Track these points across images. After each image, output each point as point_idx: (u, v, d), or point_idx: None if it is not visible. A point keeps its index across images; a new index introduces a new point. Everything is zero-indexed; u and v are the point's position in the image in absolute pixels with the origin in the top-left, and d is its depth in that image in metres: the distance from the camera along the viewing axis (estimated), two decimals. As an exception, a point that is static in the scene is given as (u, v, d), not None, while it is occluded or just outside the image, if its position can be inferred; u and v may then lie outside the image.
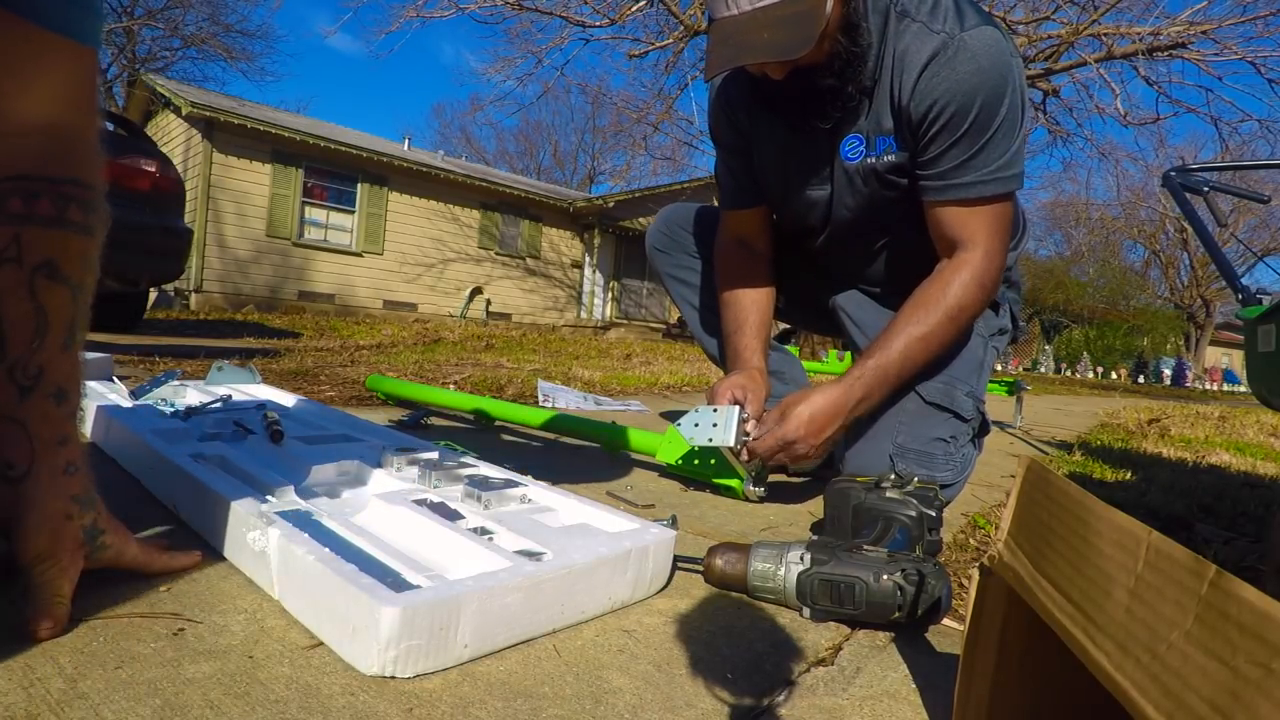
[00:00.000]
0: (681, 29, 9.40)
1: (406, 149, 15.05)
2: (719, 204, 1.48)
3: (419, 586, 0.65)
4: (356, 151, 11.75)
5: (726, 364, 1.38)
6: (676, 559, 0.87)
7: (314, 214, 11.77)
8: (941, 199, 1.16)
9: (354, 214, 12.12)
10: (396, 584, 0.67)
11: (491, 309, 13.63)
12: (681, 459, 1.39)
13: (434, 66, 76.49)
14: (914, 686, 0.68)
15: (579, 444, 1.74)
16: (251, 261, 11.10)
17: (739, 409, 1.16)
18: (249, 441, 1.14)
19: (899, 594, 0.76)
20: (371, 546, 0.79)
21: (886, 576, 0.76)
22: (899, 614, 0.76)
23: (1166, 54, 8.80)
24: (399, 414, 1.89)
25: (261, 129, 10.91)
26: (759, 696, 0.63)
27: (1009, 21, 8.86)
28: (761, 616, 0.80)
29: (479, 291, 13.51)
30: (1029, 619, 0.46)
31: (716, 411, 1.17)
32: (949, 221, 1.17)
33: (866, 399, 1.16)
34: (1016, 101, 1.11)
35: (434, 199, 12.94)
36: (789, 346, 3.05)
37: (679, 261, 1.60)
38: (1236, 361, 30.08)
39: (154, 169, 3.85)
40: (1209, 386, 25.46)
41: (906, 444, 1.19)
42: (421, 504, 0.89)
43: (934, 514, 0.96)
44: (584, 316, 14.70)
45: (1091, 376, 22.75)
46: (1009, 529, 0.49)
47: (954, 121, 1.10)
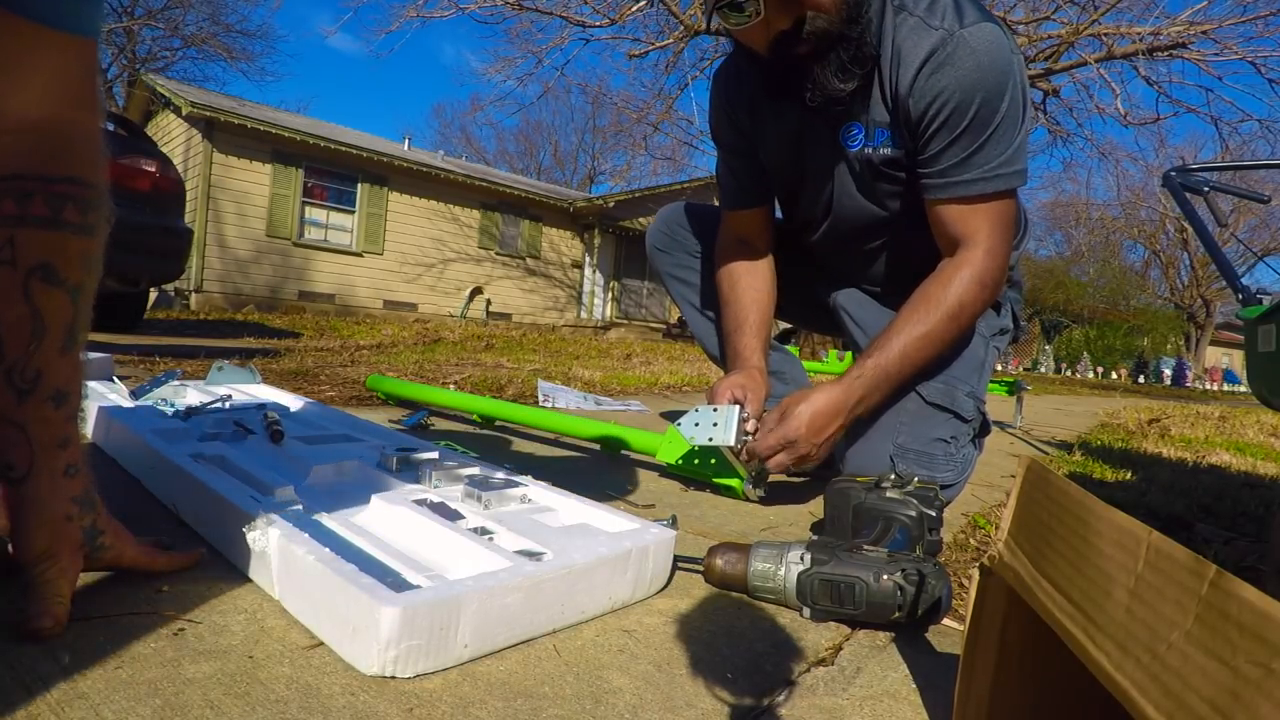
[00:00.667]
0: (681, 29, 9.39)
1: (406, 149, 15.05)
2: (720, 204, 1.48)
3: (419, 586, 0.65)
4: (356, 151, 11.76)
5: (727, 363, 1.38)
6: (677, 559, 0.87)
7: (314, 214, 11.77)
8: (943, 196, 1.15)
9: (354, 214, 12.13)
10: (396, 584, 0.67)
11: (492, 309, 13.63)
12: (681, 459, 1.39)
13: (434, 66, 76.58)
14: (914, 686, 0.68)
15: (579, 444, 1.74)
16: (252, 261, 11.10)
17: (739, 408, 1.16)
18: (249, 441, 1.14)
19: (899, 594, 0.76)
20: (371, 546, 0.79)
21: (887, 576, 0.76)
22: (899, 614, 0.76)
23: (1167, 54, 8.80)
24: (399, 414, 1.89)
25: (262, 129, 10.92)
26: (759, 696, 0.63)
27: (1009, 21, 8.85)
28: (761, 616, 0.80)
29: (479, 291, 13.51)
30: (1029, 619, 0.46)
31: (717, 411, 1.17)
32: (950, 219, 1.16)
33: (867, 398, 1.15)
34: (1018, 98, 1.11)
35: (434, 199, 12.94)
36: (789, 346, 3.05)
37: (679, 261, 1.60)
38: (1237, 361, 30.07)
39: (154, 169, 3.85)
40: (1209, 386, 25.45)
41: (907, 444, 1.19)
42: (421, 504, 0.89)
43: (934, 514, 0.96)
44: (584, 316, 14.70)
45: (1092, 376, 22.75)
46: (1009, 529, 0.49)
47: (954, 118, 1.10)
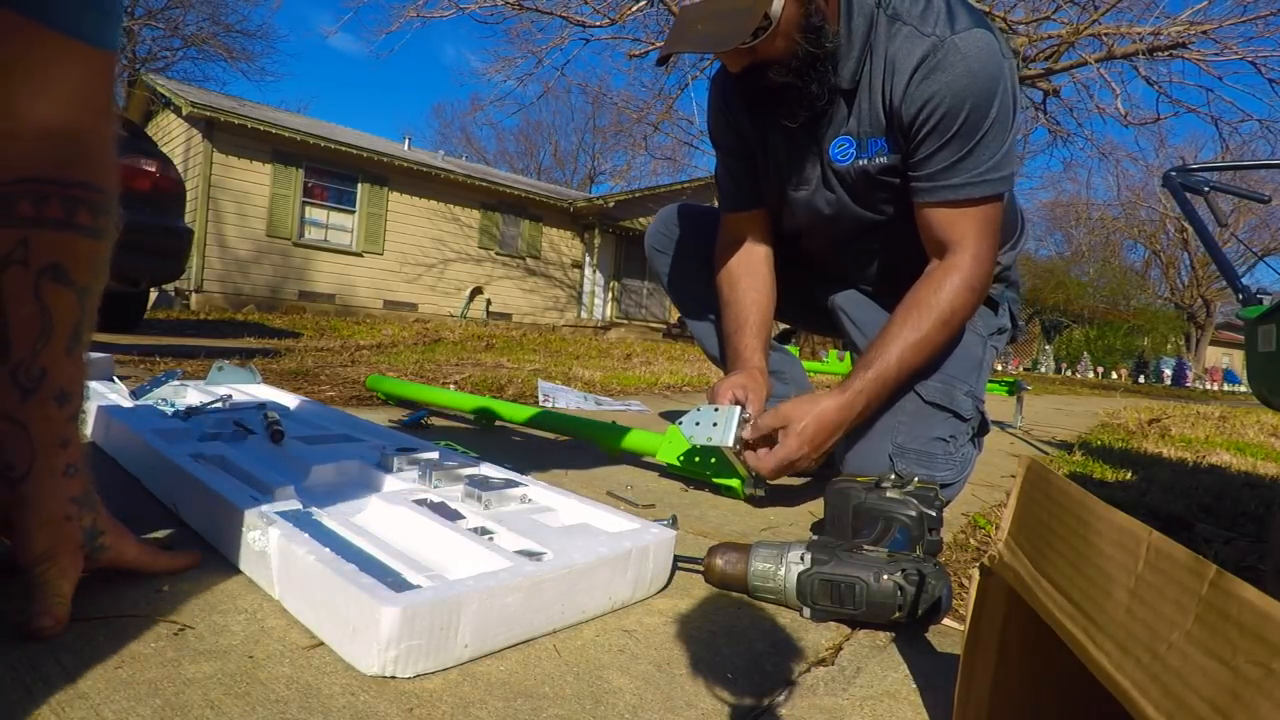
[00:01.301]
0: (682, 29, 9.37)
1: (407, 149, 15.05)
2: (719, 206, 1.48)
3: (419, 586, 0.65)
4: (357, 151, 11.75)
5: (727, 364, 1.38)
6: (677, 559, 0.87)
7: (314, 214, 11.77)
8: (931, 200, 1.17)
9: (354, 214, 12.13)
10: (397, 584, 0.67)
11: (492, 309, 13.63)
12: (682, 459, 1.39)
13: (434, 66, 76.59)
14: (914, 686, 0.68)
15: (579, 444, 1.74)
16: (252, 261, 11.10)
17: (739, 409, 1.17)
18: (249, 441, 1.14)
19: (899, 594, 0.76)
20: (371, 546, 0.79)
21: (887, 576, 0.76)
22: (899, 614, 0.76)
23: (1167, 54, 8.80)
24: (399, 414, 1.89)
25: (262, 129, 10.92)
26: (759, 696, 0.63)
27: (1009, 21, 8.86)
28: (762, 616, 0.80)
29: (479, 291, 13.51)
30: (1029, 619, 0.46)
31: (717, 411, 1.17)
32: (938, 223, 1.18)
33: (867, 409, 1.18)
34: (1007, 103, 1.12)
35: (434, 199, 12.94)
36: (789, 346, 3.05)
37: (678, 262, 1.60)
38: (1237, 361, 30.06)
39: (154, 169, 3.85)
40: (1209, 386, 25.44)
41: (906, 444, 1.20)
42: (421, 504, 0.89)
43: (934, 514, 0.96)
44: (584, 316, 14.70)
45: (1092, 376, 22.74)
46: (1009, 529, 0.49)
47: (944, 123, 1.11)
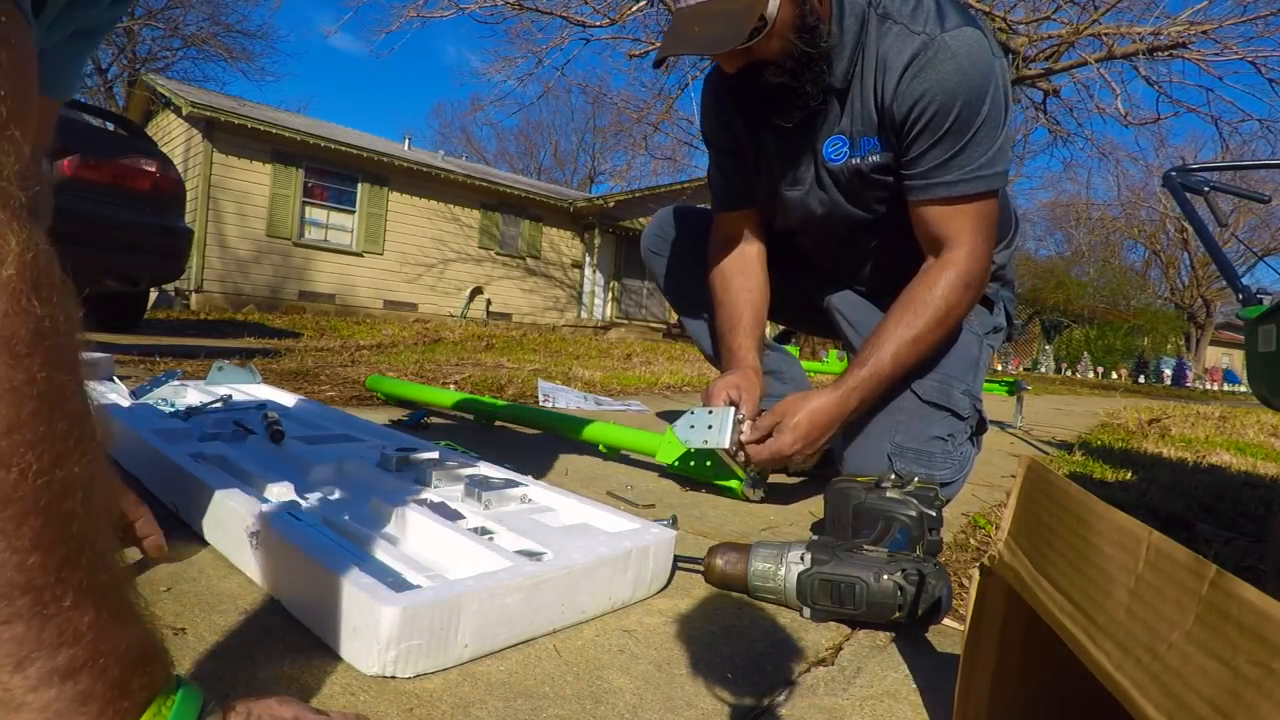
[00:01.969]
0: (682, 29, 9.37)
1: (407, 149, 15.04)
2: (712, 206, 1.48)
3: (419, 586, 0.65)
4: (357, 151, 11.75)
5: (721, 364, 1.39)
6: (677, 559, 0.87)
7: (314, 214, 11.76)
8: (925, 198, 1.17)
9: (354, 214, 12.11)
10: (397, 584, 0.67)
11: (492, 309, 13.62)
12: (681, 459, 1.39)
13: (434, 66, 76.48)
14: (914, 686, 0.68)
15: (579, 444, 1.74)
16: (252, 261, 11.09)
17: (734, 410, 1.17)
18: (249, 441, 1.14)
19: (899, 594, 0.76)
20: (371, 546, 0.78)
21: (887, 576, 0.76)
22: (899, 614, 0.76)
23: (1167, 54, 8.79)
24: (399, 414, 1.89)
25: (262, 129, 10.91)
26: (759, 696, 0.63)
27: (1009, 21, 8.86)
28: (762, 616, 0.80)
29: (479, 291, 13.50)
30: (1029, 619, 0.46)
31: (712, 413, 1.17)
32: (933, 220, 1.18)
33: (861, 405, 1.18)
34: (999, 100, 1.13)
35: (434, 199, 12.93)
36: (789, 346, 3.05)
37: (674, 264, 1.61)
38: (1237, 361, 30.06)
39: (154, 169, 3.85)
40: (1209, 386, 25.43)
41: (905, 443, 1.20)
42: (421, 504, 0.89)
43: (934, 514, 0.96)
44: (584, 316, 14.70)
45: (1092, 376, 22.73)
46: (1009, 529, 0.49)
47: (935, 121, 1.11)
